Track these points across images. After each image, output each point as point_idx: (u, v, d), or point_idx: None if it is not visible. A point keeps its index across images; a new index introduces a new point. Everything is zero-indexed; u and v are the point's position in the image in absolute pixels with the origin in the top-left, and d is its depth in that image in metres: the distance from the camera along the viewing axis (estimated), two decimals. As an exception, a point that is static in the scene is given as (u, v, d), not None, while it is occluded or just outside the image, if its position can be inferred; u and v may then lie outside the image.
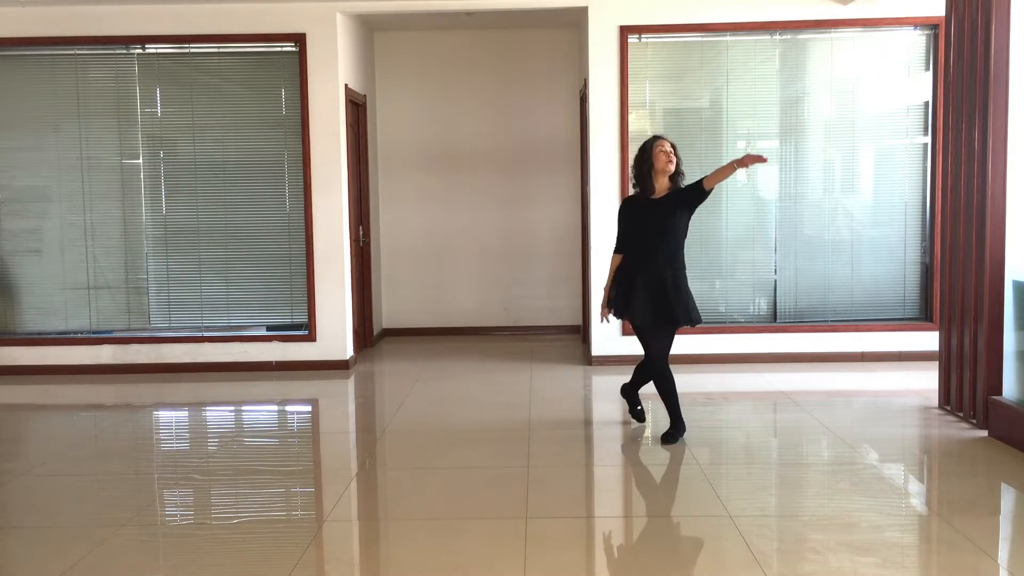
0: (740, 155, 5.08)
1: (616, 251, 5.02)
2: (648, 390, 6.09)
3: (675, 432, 4.95)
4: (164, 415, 6.03)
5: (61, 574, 3.34)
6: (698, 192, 4.80)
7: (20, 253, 7.20)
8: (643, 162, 4.87)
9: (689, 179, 4.94)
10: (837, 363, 6.92)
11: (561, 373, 6.84)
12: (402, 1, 7.02)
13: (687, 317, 4.84)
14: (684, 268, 4.93)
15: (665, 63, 7.12)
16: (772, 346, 7.02)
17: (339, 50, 6.98)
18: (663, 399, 4.99)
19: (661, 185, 4.88)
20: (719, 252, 7.10)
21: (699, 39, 7.00)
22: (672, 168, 4.85)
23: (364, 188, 7.90)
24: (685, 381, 6.45)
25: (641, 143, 4.99)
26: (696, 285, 7.14)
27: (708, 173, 4.82)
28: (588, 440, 5.23)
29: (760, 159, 4.71)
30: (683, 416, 5.00)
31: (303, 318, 7.15)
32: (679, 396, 4.99)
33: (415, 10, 7.13)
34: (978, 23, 5.03)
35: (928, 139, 6.97)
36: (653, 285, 4.83)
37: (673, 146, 4.90)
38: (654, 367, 4.95)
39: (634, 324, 4.95)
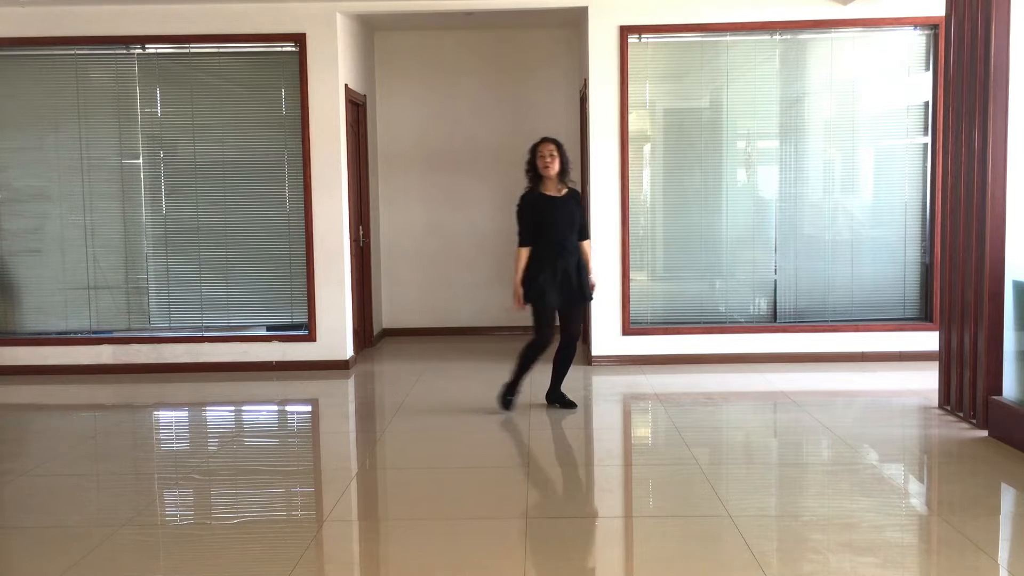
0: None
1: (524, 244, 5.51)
2: (660, 389, 6.10)
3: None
4: (164, 415, 6.03)
5: (61, 574, 3.34)
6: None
7: (20, 253, 7.20)
8: (532, 164, 5.49)
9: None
10: (837, 363, 6.92)
11: (561, 373, 6.84)
12: (402, 1, 7.02)
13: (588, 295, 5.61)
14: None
15: (665, 63, 7.12)
16: (772, 346, 7.02)
17: (339, 50, 6.98)
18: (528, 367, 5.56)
19: (550, 185, 5.46)
20: (719, 252, 7.10)
21: (699, 39, 7.00)
22: (553, 170, 5.40)
23: (364, 188, 7.89)
24: (686, 381, 6.48)
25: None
26: (696, 285, 7.21)
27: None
28: (588, 440, 5.23)
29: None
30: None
31: (303, 318, 7.15)
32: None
33: (415, 10, 7.13)
34: (978, 23, 5.03)
35: (928, 139, 6.97)
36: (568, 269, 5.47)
37: (557, 147, 5.43)
38: (573, 343, 5.54)
39: (555, 306, 5.45)
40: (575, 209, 5.49)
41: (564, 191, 5.49)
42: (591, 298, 5.72)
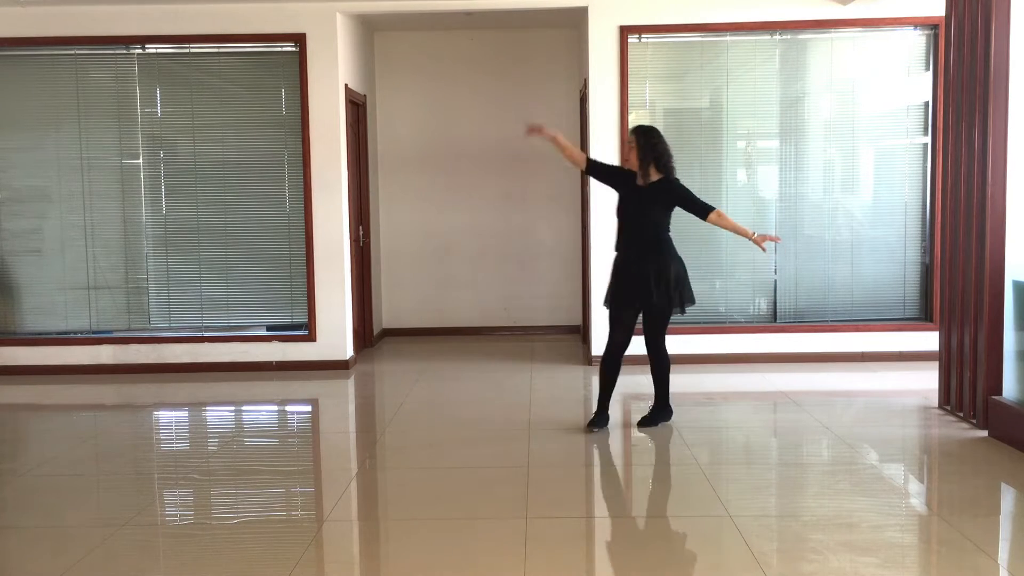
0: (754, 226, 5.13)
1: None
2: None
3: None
4: (164, 415, 6.03)
5: (61, 574, 3.34)
6: (684, 203, 5.10)
7: (20, 253, 7.20)
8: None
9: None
10: (837, 363, 6.91)
11: (561, 373, 6.84)
12: (402, 1, 7.02)
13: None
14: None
15: (665, 63, 7.12)
16: (772, 346, 7.01)
17: (339, 50, 6.98)
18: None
19: (641, 174, 5.05)
20: (719, 252, 7.10)
21: (699, 39, 7.00)
22: (632, 159, 5.05)
23: (364, 188, 7.89)
24: (685, 381, 6.47)
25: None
26: (696, 285, 7.15)
27: (719, 210, 5.18)
28: (588, 440, 5.23)
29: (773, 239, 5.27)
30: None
31: (303, 318, 7.15)
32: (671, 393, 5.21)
33: (415, 10, 7.13)
34: (978, 23, 5.03)
35: (928, 139, 6.97)
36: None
37: (634, 136, 5.03)
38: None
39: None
40: (656, 200, 5.00)
41: (651, 181, 5.01)
42: (667, 306, 5.09)
